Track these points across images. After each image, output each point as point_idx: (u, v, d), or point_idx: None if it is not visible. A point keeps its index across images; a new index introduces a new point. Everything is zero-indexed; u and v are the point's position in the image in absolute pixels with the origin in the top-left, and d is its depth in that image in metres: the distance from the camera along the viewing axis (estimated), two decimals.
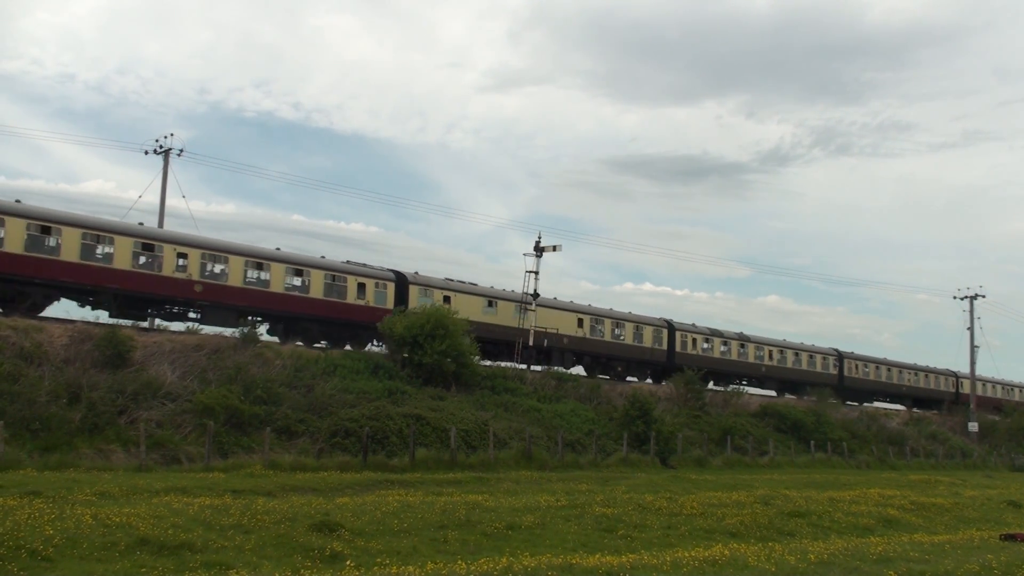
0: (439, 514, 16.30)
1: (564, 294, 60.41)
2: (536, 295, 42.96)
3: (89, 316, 31.03)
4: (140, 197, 64.18)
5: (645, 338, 49.05)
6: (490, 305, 42.15)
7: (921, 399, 66.21)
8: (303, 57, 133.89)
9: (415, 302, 38.21)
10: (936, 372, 68.72)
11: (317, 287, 36.19)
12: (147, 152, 45.77)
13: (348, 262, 38.98)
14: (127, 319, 31.75)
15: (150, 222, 38.99)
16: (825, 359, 60.34)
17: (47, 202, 30.24)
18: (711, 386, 49.00)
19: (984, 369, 69.22)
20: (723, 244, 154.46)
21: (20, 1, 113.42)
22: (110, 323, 29.68)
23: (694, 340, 51.95)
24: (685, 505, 20.08)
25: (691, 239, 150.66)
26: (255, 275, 34.69)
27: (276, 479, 20.88)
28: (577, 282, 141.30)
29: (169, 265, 32.26)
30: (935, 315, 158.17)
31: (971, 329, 64.37)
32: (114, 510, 13.98)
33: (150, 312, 33.59)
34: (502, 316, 42.41)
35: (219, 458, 23.47)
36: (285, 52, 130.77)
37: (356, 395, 29.43)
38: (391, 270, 40.10)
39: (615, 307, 48.84)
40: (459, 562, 12.25)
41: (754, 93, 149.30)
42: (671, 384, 43.61)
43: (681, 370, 45.29)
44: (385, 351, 35.28)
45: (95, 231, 30.89)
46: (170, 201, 51.61)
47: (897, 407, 63.34)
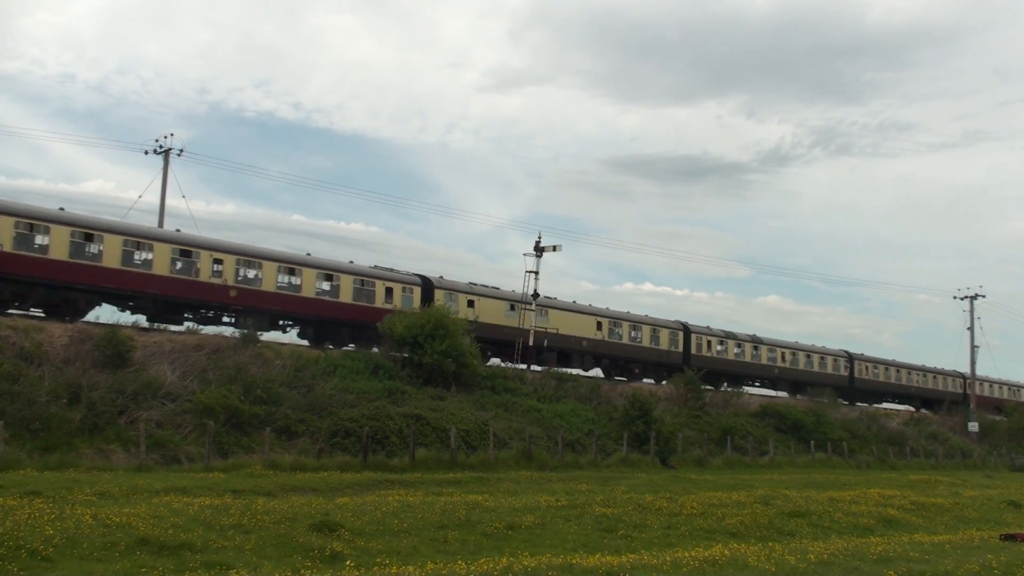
0: (439, 514, 16.30)
1: (564, 294, 60.49)
2: (536, 295, 43.04)
3: (89, 316, 31.07)
4: (140, 197, 64.24)
5: (662, 340, 49.73)
6: (512, 309, 43.00)
7: (929, 400, 66.45)
8: (303, 57, 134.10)
9: (531, 319, 39.53)
10: (944, 373, 69.00)
11: (346, 292, 36.85)
12: (147, 152, 45.86)
13: (375, 267, 39.72)
14: (164, 323, 32.38)
15: (150, 222, 39.14)
16: (836, 360, 60.78)
17: (47, 202, 30.25)
18: (724, 387, 49.91)
19: (984, 369, 69.59)
20: (723, 244, 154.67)
21: (20, 1, 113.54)
22: (110, 323, 29.73)
23: (709, 342, 52.56)
24: (685, 505, 20.08)
25: (691, 239, 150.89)
26: (287, 280, 35.40)
27: (276, 479, 20.88)
28: (577, 282, 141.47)
29: (205, 270, 33.01)
30: (935, 315, 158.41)
31: (971, 329, 64.52)
32: (114, 510, 13.98)
33: (186, 316, 34.12)
34: (524, 319, 43.30)
35: (219, 458, 23.47)
36: (285, 52, 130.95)
37: (356, 395, 29.44)
38: (417, 275, 40.74)
39: (612, 307, 49.03)
40: (459, 562, 12.25)
41: (754, 93, 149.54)
42: (671, 384, 43.68)
43: (697, 372, 46.01)
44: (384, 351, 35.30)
45: (135, 238, 31.72)
46: (170, 201, 51.66)
47: (907, 408, 63.80)
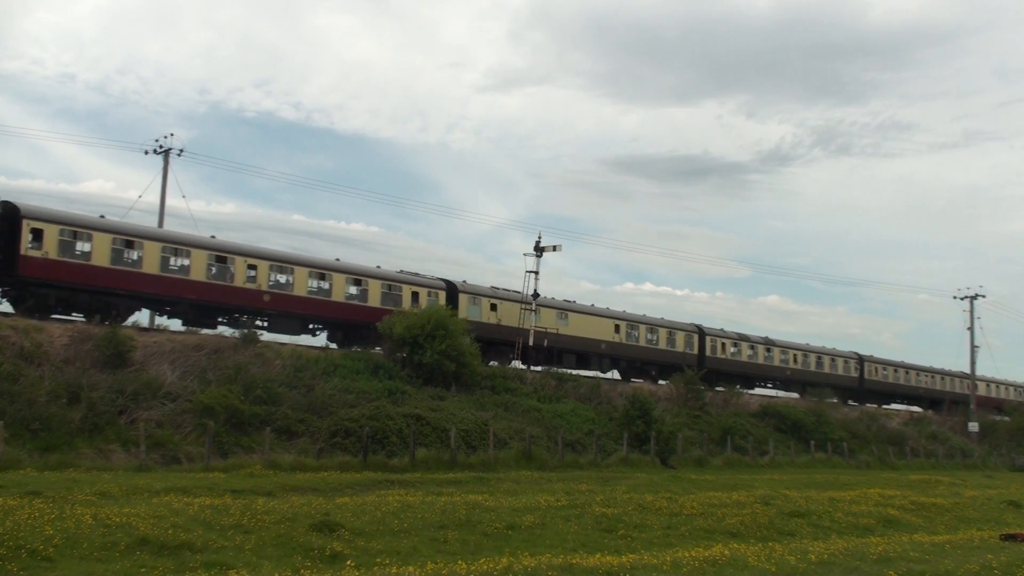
0: (439, 514, 16.29)
1: (565, 294, 60.59)
2: (536, 295, 43.11)
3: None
4: (140, 197, 64.02)
5: (677, 343, 50.72)
6: (534, 312, 43.61)
7: (936, 400, 66.76)
8: (304, 57, 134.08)
9: (464, 310, 40.00)
10: (952, 375, 69.32)
11: (375, 296, 37.54)
12: (147, 152, 45.87)
13: (401, 271, 40.44)
14: (200, 327, 32.94)
15: (150, 222, 39.15)
16: (847, 362, 61.57)
17: (47, 202, 30.32)
18: (738, 388, 50.68)
19: (984, 369, 69.85)
20: (723, 244, 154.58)
21: (21, 1, 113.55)
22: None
23: (723, 344, 53.45)
24: (685, 505, 20.07)
25: (691, 239, 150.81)
26: (317, 285, 36.11)
27: (276, 479, 20.87)
28: (577, 282, 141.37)
29: (240, 276, 33.77)
30: (935, 315, 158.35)
31: (971, 329, 64.58)
32: (114, 510, 13.97)
33: (220, 320, 34.63)
34: (545, 322, 44.04)
35: (219, 458, 23.47)
36: (286, 52, 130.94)
37: (356, 395, 29.45)
38: (441, 279, 41.49)
39: (613, 306, 49.25)
40: (459, 562, 12.25)
41: (755, 93, 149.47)
42: (671, 384, 43.74)
43: (713, 374, 47.95)
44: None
45: (174, 244, 32.52)
46: (170, 201, 51.58)
47: (915, 409, 64.17)
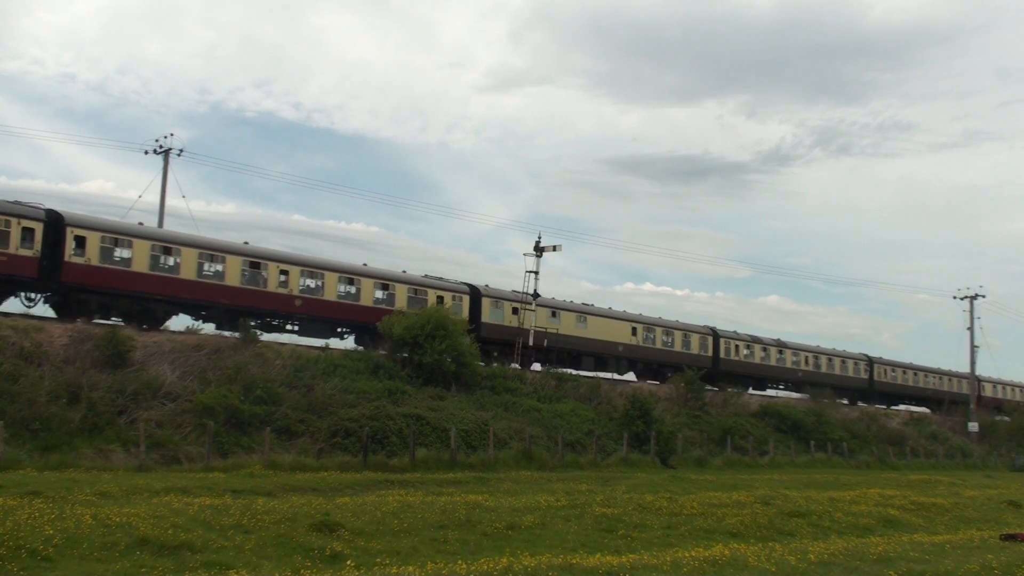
0: (439, 514, 16.29)
1: (565, 294, 60.63)
2: (536, 295, 43.12)
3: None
4: (140, 197, 64.30)
5: (692, 345, 51.66)
6: (554, 316, 44.50)
7: (944, 401, 66.88)
8: (304, 57, 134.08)
9: (487, 313, 41.31)
10: (959, 376, 69.57)
11: (401, 300, 38.21)
12: (147, 152, 45.87)
13: (426, 276, 41.17)
14: (233, 331, 33.30)
15: (150, 222, 39.10)
16: (857, 364, 62.48)
17: (47, 202, 30.32)
18: (751, 390, 52.14)
19: (984, 369, 70.07)
20: (724, 244, 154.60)
21: (21, 1, 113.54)
22: (110, 323, 29.74)
23: (736, 346, 54.38)
24: (685, 505, 20.07)
25: (692, 239, 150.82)
26: (346, 289, 36.92)
27: (276, 479, 20.87)
28: (577, 282, 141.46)
29: (273, 281, 34.70)
30: (935, 315, 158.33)
31: (971, 329, 64.60)
32: (114, 510, 13.97)
33: (252, 324, 34.97)
34: (565, 326, 44.73)
35: (219, 458, 23.46)
36: (286, 52, 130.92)
37: (356, 395, 29.43)
38: (465, 284, 42.19)
39: (613, 307, 49.34)
40: (459, 562, 12.25)
41: (755, 93, 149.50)
42: (671, 384, 43.77)
43: (726, 375, 49.36)
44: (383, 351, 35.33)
45: (209, 250, 33.42)
46: (170, 201, 51.69)
47: (923, 410, 64.55)
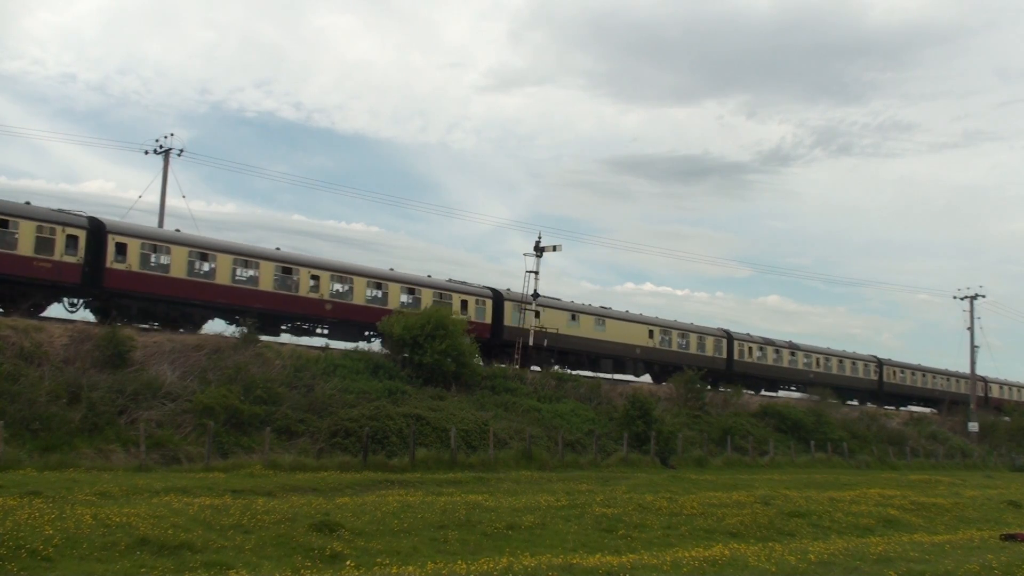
0: (439, 514, 16.29)
1: (565, 294, 60.54)
2: (536, 295, 43.11)
3: (89, 316, 31.07)
4: (140, 197, 64.25)
5: (707, 347, 52.28)
6: (573, 319, 45.10)
7: (951, 402, 66.99)
8: (304, 57, 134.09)
9: (510, 317, 42.16)
10: (967, 377, 69.25)
11: (427, 304, 38.43)
12: (147, 152, 45.83)
13: (450, 280, 42.16)
14: (265, 336, 33.68)
15: (150, 222, 39.16)
16: (867, 366, 63.27)
17: (48, 202, 30.39)
18: (763, 392, 52.84)
19: (984, 369, 70.07)
20: (724, 244, 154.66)
21: (21, 1, 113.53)
22: (109, 324, 29.68)
23: (750, 348, 55.03)
24: (685, 505, 20.07)
25: (692, 239, 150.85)
26: (373, 294, 37.60)
27: (276, 479, 20.87)
28: (577, 282, 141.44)
29: (304, 286, 35.35)
30: (935, 315, 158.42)
31: (971, 329, 64.62)
32: (114, 510, 13.97)
33: (284, 328, 35.69)
34: (584, 328, 45.25)
35: (219, 458, 23.45)
36: (286, 52, 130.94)
37: (356, 395, 29.42)
38: (488, 288, 42.88)
39: (613, 306, 49.32)
40: (459, 562, 12.25)
41: (755, 93, 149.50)
42: (671, 384, 43.77)
43: (739, 377, 50.27)
44: (383, 350, 35.37)
45: (244, 256, 34.01)
46: (170, 201, 51.69)
47: (932, 411, 64.96)
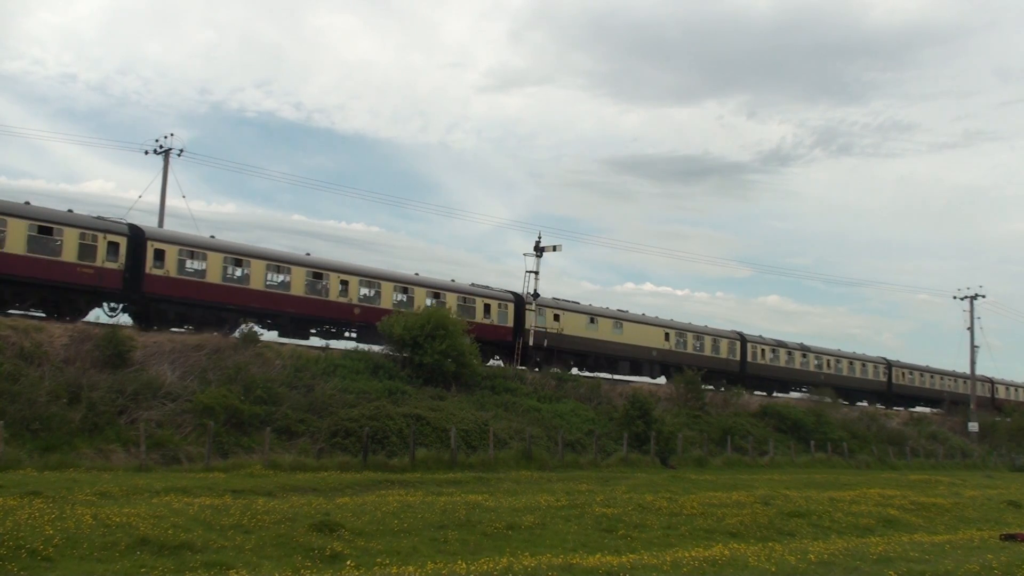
0: (439, 514, 16.29)
1: (565, 294, 60.59)
2: (536, 295, 43.15)
3: (89, 316, 31.10)
4: (140, 197, 64.48)
5: (721, 350, 52.98)
6: (592, 322, 46.05)
7: (958, 403, 67.23)
8: (304, 57, 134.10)
9: (531, 320, 42.98)
10: (972, 378, 69.22)
11: (451, 308, 39.13)
12: (147, 152, 45.80)
13: (473, 284, 43.00)
14: (295, 339, 34.43)
15: (150, 222, 39.15)
16: (876, 367, 64.31)
17: (48, 202, 30.41)
18: (776, 393, 53.38)
19: (984, 369, 70.18)
20: (724, 244, 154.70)
21: (22, 1, 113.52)
22: (110, 323, 29.79)
23: (763, 350, 55.78)
24: (685, 505, 20.07)
25: (692, 239, 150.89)
26: (400, 298, 38.47)
27: (276, 479, 20.87)
28: (578, 282, 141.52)
29: (334, 291, 36.27)
30: (935, 315, 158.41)
31: (971, 329, 64.72)
32: (114, 510, 13.98)
33: (313, 332, 36.25)
34: (602, 331, 46.14)
35: (219, 458, 23.46)
36: (286, 52, 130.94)
37: (356, 395, 29.43)
38: (510, 292, 43.99)
39: (613, 306, 49.41)
40: (459, 562, 12.25)
41: (755, 93, 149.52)
42: (671, 384, 43.80)
43: (753, 379, 51.11)
44: (386, 351, 35.36)
45: (276, 262, 34.92)
46: (170, 201, 51.82)
47: (939, 411, 65.26)
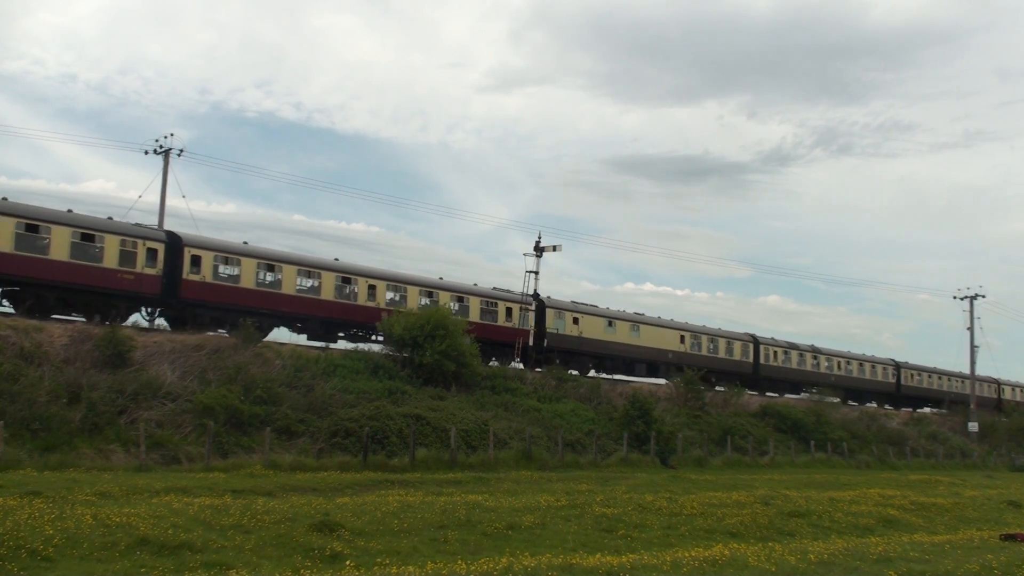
0: (439, 514, 16.28)
1: (564, 294, 60.69)
2: (536, 295, 43.18)
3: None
4: (140, 197, 64.31)
5: (735, 352, 53.63)
6: (610, 325, 46.84)
7: (965, 403, 67.07)
8: (305, 57, 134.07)
9: (551, 322, 44.11)
10: (979, 379, 69.69)
11: (475, 312, 40.73)
12: (147, 152, 45.72)
13: (495, 288, 43.78)
14: (323, 342, 34.88)
15: (150, 222, 39.13)
16: (885, 369, 65.19)
17: (48, 202, 30.44)
18: (788, 395, 53.88)
19: (984, 369, 70.27)
20: (724, 244, 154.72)
21: (22, 1, 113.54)
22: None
23: (775, 352, 56.41)
24: (685, 505, 20.06)
25: (692, 239, 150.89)
26: (424, 302, 38.92)
27: (276, 479, 20.88)
28: (578, 282, 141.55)
29: (362, 295, 37.05)
30: (935, 315, 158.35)
31: (971, 329, 64.72)
32: (114, 510, 13.98)
33: (341, 336, 36.79)
34: (620, 334, 46.97)
35: (219, 458, 23.47)
36: (287, 52, 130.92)
37: (356, 395, 29.44)
38: (531, 295, 44.28)
39: (611, 306, 49.65)
40: (459, 562, 12.25)
41: (755, 93, 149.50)
42: (671, 384, 43.80)
43: (765, 380, 51.83)
44: (385, 351, 35.39)
45: (307, 267, 35.67)
46: (170, 201, 51.76)
47: (946, 412, 65.53)
